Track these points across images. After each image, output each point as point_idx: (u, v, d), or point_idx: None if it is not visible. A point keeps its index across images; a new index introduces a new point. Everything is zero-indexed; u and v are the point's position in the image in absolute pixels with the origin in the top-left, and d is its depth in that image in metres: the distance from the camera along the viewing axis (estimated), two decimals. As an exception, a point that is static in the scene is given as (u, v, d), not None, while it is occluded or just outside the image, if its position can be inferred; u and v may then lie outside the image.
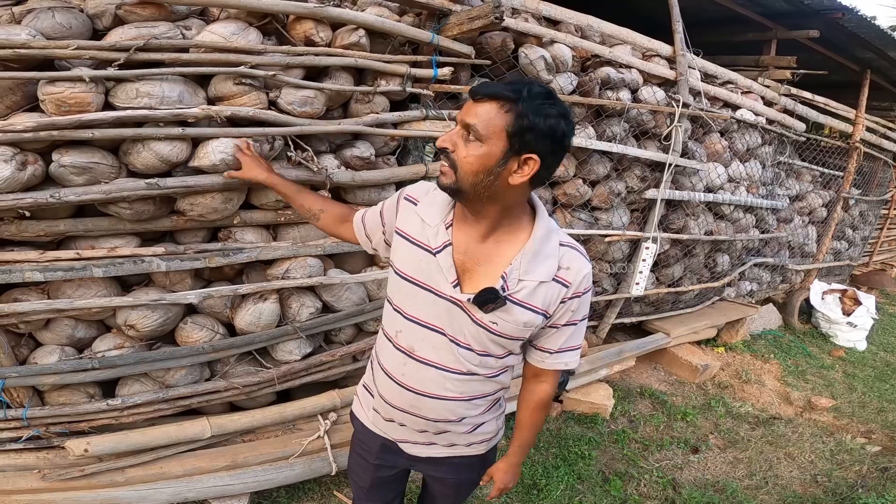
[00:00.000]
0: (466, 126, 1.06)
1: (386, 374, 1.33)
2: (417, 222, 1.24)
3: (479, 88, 1.06)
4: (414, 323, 1.25)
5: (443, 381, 1.26)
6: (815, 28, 4.04)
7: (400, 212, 1.30)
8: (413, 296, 1.24)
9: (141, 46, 1.69)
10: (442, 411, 1.30)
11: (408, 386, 1.29)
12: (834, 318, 5.16)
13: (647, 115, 3.22)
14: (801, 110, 4.40)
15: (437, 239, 1.20)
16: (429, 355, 1.25)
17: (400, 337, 1.28)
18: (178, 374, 2.10)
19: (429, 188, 1.29)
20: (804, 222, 5.25)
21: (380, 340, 1.39)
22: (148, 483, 2.02)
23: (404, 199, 1.30)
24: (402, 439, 1.41)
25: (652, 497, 2.69)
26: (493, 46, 2.53)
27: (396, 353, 1.30)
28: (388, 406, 1.36)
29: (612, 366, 3.52)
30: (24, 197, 1.64)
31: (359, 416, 1.51)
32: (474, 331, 1.20)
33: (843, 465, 3.16)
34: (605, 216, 3.35)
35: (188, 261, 1.96)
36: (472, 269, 1.19)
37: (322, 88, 2.03)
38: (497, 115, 1.03)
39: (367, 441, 1.48)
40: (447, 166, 1.10)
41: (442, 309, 1.21)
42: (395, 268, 1.28)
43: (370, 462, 1.48)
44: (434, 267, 1.19)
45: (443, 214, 1.22)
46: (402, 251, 1.26)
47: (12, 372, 1.86)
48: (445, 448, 1.41)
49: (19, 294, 1.85)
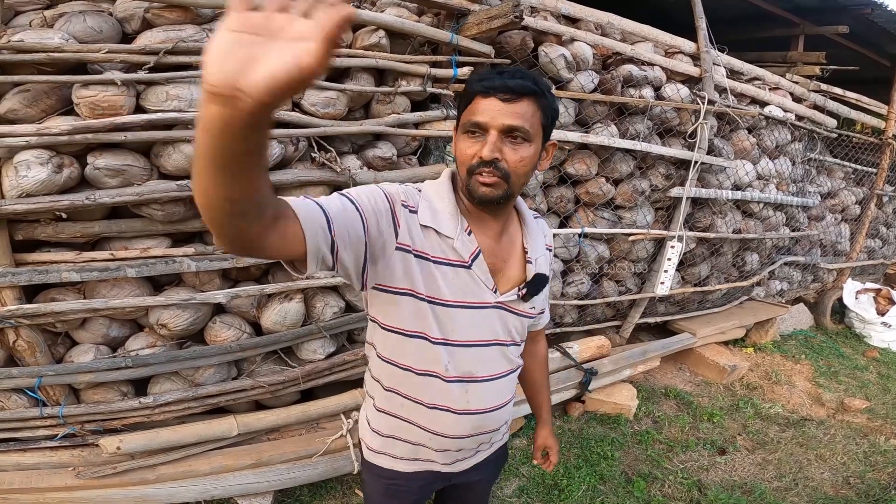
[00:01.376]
0: (511, 129, 0.99)
1: (444, 411, 1.16)
2: (431, 237, 1.07)
3: (503, 87, 0.98)
4: (464, 347, 1.13)
5: (502, 388, 1.22)
6: (844, 23, 3.95)
7: (401, 222, 1.03)
8: (453, 319, 1.10)
9: (170, 49, 1.74)
10: (503, 416, 1.27)
11: (474, 410, 1.18)
12: (868, 318, 5.01)
13: (671, 113, 3.18)
14: (832, 106, 4.29)
15: (465, 249, 1.08)
16: (489, 371, 1.18)
17: (451, 368, 1.13)
18: (207, 372, 2.14)
19: (405, 190, 1.08)
20: (836, 220, 5.11)
21: (407, 386, 1.17)
22: (177, 481, 2.07)
23: (402, 205, 1.04)
24: (453, 461, 1.29)
25: (676, 498, 2.64)
26: (512, 45, 2.54)
27: (451, 385, 1.14)
28: (450, 440, 1.20)
29: (636, 366, 3.47)
30: (61, 199, 1.70)
31: (390, 467, 1.29)
32: (519, 324, 1.20)
33: (876, 467, 3.07)
34: (629, 215, 3.31)
35: (217, 261, 2.00)
36: (501, 268, 1.15)
37: (344, 89, 2.06)
38: (535, 110, 1.01)
39: (406, 483, 1.31)
40: (497, 177, 1.00)
41: (489, 319, 1.14)
42: (420, 294, 1.06)
43: (412, 498, 1.34)
44: (470, 280, 1.09)
45: (456, 221, 1.08)
46: (426, 274, 1.06)
47: (49, 370, 1.92)
48: (489, 448, 1.36)
49: (56, 294, 1.91)
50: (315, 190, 2.12)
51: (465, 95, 1.04)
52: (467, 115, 1.02)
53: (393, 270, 1.03)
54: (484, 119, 0.99)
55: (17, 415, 1.98)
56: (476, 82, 1.01)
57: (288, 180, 2.02)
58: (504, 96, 0.98)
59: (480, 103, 1.00)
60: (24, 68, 1.68)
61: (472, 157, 1.02)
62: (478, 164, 1.00)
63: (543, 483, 2.61)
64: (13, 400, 1.98)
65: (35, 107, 1.73)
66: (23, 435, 2.04)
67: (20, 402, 1.99)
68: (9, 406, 1.98)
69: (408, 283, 1.05)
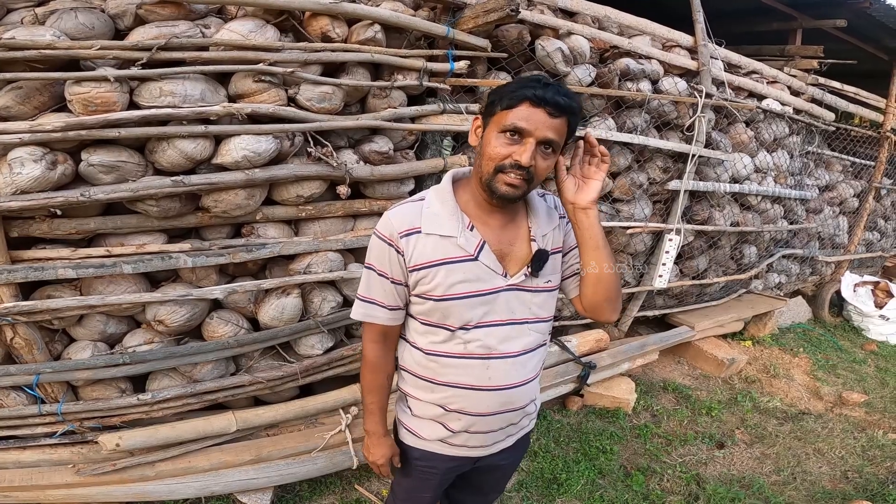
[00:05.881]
0: (547, 142, 1.10)
1: (468, 388, 1.27)
2: (432, 243, 1.19)
3: (554, 102, 1.07)
4: (484, 328, 1.23)
5: (525, 364, 1.30)
6: (842, 17, 3.94)
7: (406, 251, 1.19)
8: (471, 308, 1.21)
9: (163, 45, 1.74)
10: (529, 393, 1.34)
11: (497, 386, 1.26)
12: (866, 311, 5.02)
13: (668, 106, 3.17)
14: (830, 100, 4.29)
15: (469, 244, 1.19)
16: (509, 348, 1.26)
17: (470, 347, 1.24)
18: (205, 368, 2.14)
19: (407, 212, 1.21)
20: (834, 213, 5.11)
21: (432, 368, 1.29)
22: (177, 477, 2.07)
23: (400, 238, 1.19)
24: (483, 444, 1.36)
25: (675, 492, 2.65)
26: (509, 39, 2.52)
27: (472, 363, 1.25)
28: (478, 418, 1.30)
29: (635, 359, 3.48)
30: (56, 196, 1.70)
31: (420, 447, 1.39)
32: (539, 300, 1.28)
33: (874, 462, 3.07)
34: (627, 208, 3.31)
35: (213, 256, 2.00)
36: (509, 253, 1.24)
37: (340, 84, 2.06)
38: (566, 127, 1.12)
39: (434, 463, 1.40)
40: (522, 180, 1.11)
41: (504, 301, 1.23)
42: (434, 296, 1.20)
43: (436, 480, 1.43)
44: (479, 270, 1.20)
45: (457, 220, 1.20)
46: (439, 278, 1.19)
47: (47, 367, 1.92)
48: (517, 432, 1.43)
49: (52, 291, 1.91)
50: (311, 184, 2.11)
51: (511, 97, 1.09)
52: (510, 116, 1.09)
53: (424, 280, 1.21)
54: (529, 127, 1.08)
55: (17, 412, 1.98)
56: (528, 89, 1.08)
57: (284, 175, 2.01)
58: (551, 110, 1.07)
59: (527, 110, 1.08)
60: (17, 65, 1.67)
61: (504, 158, 1.10)
62: (511, 165, 1.10)
63: (542, 477, 2.62)
64: (12, 398, 1.99)
65: (28, 104, 1.72)
66: (22, 433, 2.04)
67: (19, 400, 1.99)
68: (8, 404, 1.99)
69: (420, 290, 1.21)
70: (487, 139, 1.13)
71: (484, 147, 1.14)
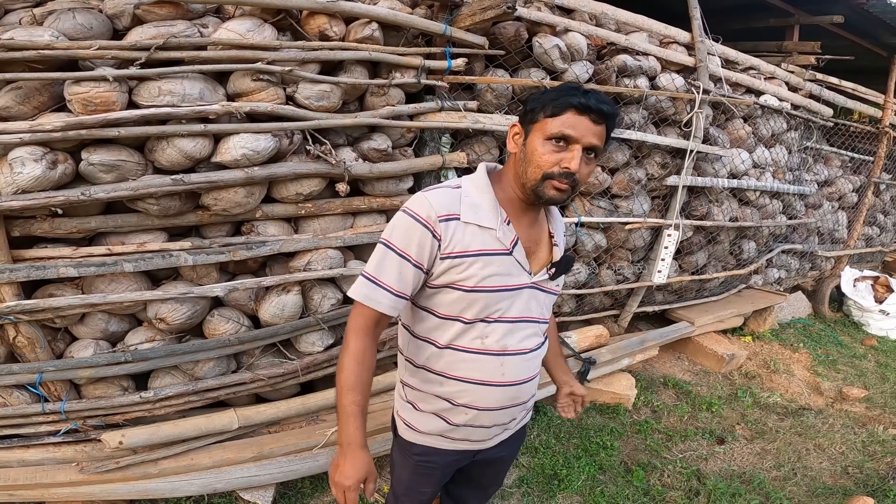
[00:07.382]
0: (591, 147, 1.13)
1: (479, 384, 1.27)
2: (471, 232, 1.18)
3: (598, 109, 1.10)
4: (501, 323, 1.25)
5: (534, 360, 1.35)
6: (839, 13, 3.95)
7: (444, 236, 1.16)
8: (497, 301, 1.22)
9: (161, 45, 1.75)
10: (533, 389, 1.39)
11: (509, 382, 1.29)
12: (866, 306, 5.02)
13: (666, 102, 3.18)
14: (828, 95, 4.30)
15: (507, 238, 1.21)
16: (523, 345, 1.29)
17: (488, 342, 1.25)
18: (207, 366, 2.16)
19: (446, 197, 1.19)
20: (834, 208, 5.12)
21: (445, 362, 1.27)
22: (180, 475, 2.08)
23: (439, 221, 1.15)
24: (486, 438, 1.38)
25: (675, 488, 2.66)
26: (506, 36, 2.53)
27: (488, 358, 1.26)
28: (486, 413, 1.31)
29: (635, 355, 3.49)
30: (56, 195, 1.71)
31: (419, 442, 1.39)
32: (548, 301, 1.34)
33: (874, 457, 3.08)
34: (626, 203, 3.32)
35: (214, 254, 2.01)
36: (534, 251, 1.29)
37: (338, 82, 2.07)
38: (605, 132, 1.16)
39: (434, 458, 1.41)
40: (569, 185, 1.14)
41: (524, 298, 1.26)
42: (465, 286, 1.19)
43: (436, 475, 1.45)
44: (511, 264, 1.22)
45: (496, 213, 1.21)
46: (474, 269, 1.18)
47: (49, 366, 1.93)
48: (516, 424, 1.46)
49: (54, 289, 1.92)
50: (310, 182, 2.13)
51: (555, 105, 1.12)
52: (556, 124, 1.11)
53: (437, 273, 1.19)
54: (576, 134, 1.11)
55: (20, 411, 1.98)
56: (572, 97, 1.10)
57: (283, 173, 2.02)
58: (595, 117, 1.11)
59: (573, 118, 1.11)
60: (16, 66, 1.69)
61: (553, 165, 1.13)
62: (559, 172, 1.13)
63: (543, 473, 2.63)
64: (15, 396, 1.99)
65: (28, 104, 1.73)
66: (26, 431, 2.05)
67: (22, 399, 2.00)
68: (11, 402, 1.99)
69: (448, 279, 1.19)
70: (533, 146, 1.15)
71: (530, 155, 1.15)
